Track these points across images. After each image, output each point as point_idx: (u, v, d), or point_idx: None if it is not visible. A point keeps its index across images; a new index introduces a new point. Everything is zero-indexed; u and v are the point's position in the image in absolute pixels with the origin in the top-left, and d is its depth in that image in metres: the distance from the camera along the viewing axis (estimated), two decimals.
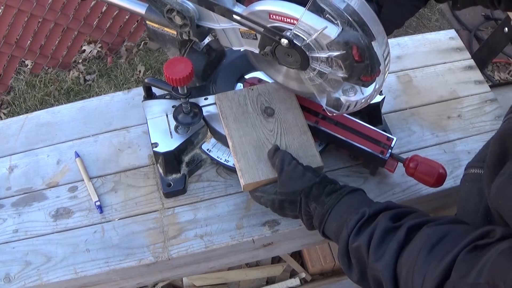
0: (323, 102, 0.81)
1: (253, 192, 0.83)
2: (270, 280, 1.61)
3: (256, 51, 0.79)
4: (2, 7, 2.07)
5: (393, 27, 0.82)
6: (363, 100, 0.78)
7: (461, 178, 0.74)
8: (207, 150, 0.94)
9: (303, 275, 1.58)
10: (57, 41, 2.33)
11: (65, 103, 1.12)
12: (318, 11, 0.69)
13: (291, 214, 0.79)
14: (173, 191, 0.91)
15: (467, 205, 0.68)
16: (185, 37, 0.85)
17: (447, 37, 1.19)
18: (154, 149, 0.89)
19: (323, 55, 0.71)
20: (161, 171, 0.93)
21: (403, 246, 0.60)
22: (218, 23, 0.80)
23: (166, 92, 0.93)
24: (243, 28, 0.77)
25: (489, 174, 0.58)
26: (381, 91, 0.96)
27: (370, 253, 0.63)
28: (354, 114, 0.92)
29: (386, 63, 0.73)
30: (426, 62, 1.14)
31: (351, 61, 0.69)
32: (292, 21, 0.71)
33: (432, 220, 0.63)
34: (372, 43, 0.69)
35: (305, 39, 0.70)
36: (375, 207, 0.68)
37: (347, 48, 0.68)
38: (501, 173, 0.55)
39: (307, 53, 0.72)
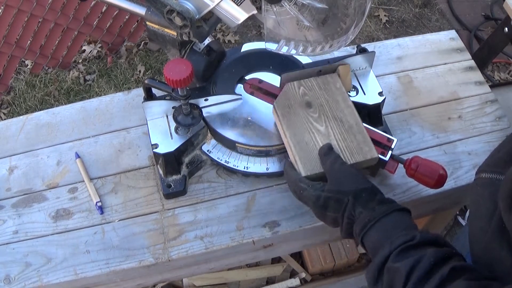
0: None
1: (296, 182, 0.80)
2: (270, 280, 1.61)
3: (254, 10, 0.79)
4: (2, 7, 2.07)
5: None
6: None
7: (472, 182, 0.73)
8: (207, 151, 0.94)
9: (303, 275, 1.59)
10: (57, 41, 2.32)
11: (65, 103, 1.12)
12: None
13: (332, 215, 0.76)
14: (173, 192, 0.91)
15: (479, 209, 0.68)
16: (185, 38, 0.85)
17: (447, 38, 1.19)
18: (154, 150, 0.89)
19: None
20: (161, 172, 0.93)
21: (443, 285, 0.59)
22: (212, 1, 0.80)
23: (166, 93, 0.93)
24: None
25: None
26: (382, 92, 0.96)
27: (408, 284, 0.61)
28: None
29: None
30: (427, 63, 1.14)
31: None
32: None
33: (475, 270, 0.62)
34: None
35: None
36: (425, 236, 0.66)
37: None
38: None
39: None
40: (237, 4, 0.80)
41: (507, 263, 0.60)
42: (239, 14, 0.81)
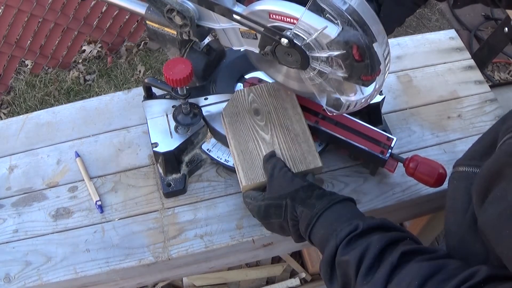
0: (323, 101, 0.81)
1: (244, 198, 0.81)
2: (270, 280, 1.61)
3: (256, 50, 0.79)
4: (2, 7, 2.07)
5: (393, 25, 0.81)
6: (363, 100, 0.78)
7: (449, 176, 0.73)
8: (207, 150, 0.94)
9: (303, 275, 1.59)
10: (57, 41, 2.33)
11: (65, 103, 1.12)
12: (318, 10, 0.69)
13: (277, 221, 0.76)
14: (173, 191, 0.92)
15: (455, 203, 0.67)
16: (185, 37, 0.85)
17: (447, 37, 1.19)
18: (154, 149, 0.90)
19: (323, 54, 0.71)
20: (161, 171, 0.93)
21: (394, 271, 0.57)
22: (218, 23, 0.80)
23: (166, 92, 0.93)
24: (243, 28, 0.77)
25: (482, 189, 0.56)
26: (381, 91, 0.96)
27: (359, 275, 0.60)
28: (354, 114, 0.92)
29: (386, 63, 0.73)
30: (426, 62, 1.14)
31: (351, 60, 0.69)
32: (292, 20, 0.71)
33: (426, 251, 0.60)
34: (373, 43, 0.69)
35: (305, 38, 0.70)
36: (369, 222, 0.65)
37: (347, 48, 0.68)
38: (496, 196, 0.53)
39: (307, 52, 0.72)
40: (242, 36, 0.80)
41: (481, 257, 0.59)
42: (238, 43, 0.82)
